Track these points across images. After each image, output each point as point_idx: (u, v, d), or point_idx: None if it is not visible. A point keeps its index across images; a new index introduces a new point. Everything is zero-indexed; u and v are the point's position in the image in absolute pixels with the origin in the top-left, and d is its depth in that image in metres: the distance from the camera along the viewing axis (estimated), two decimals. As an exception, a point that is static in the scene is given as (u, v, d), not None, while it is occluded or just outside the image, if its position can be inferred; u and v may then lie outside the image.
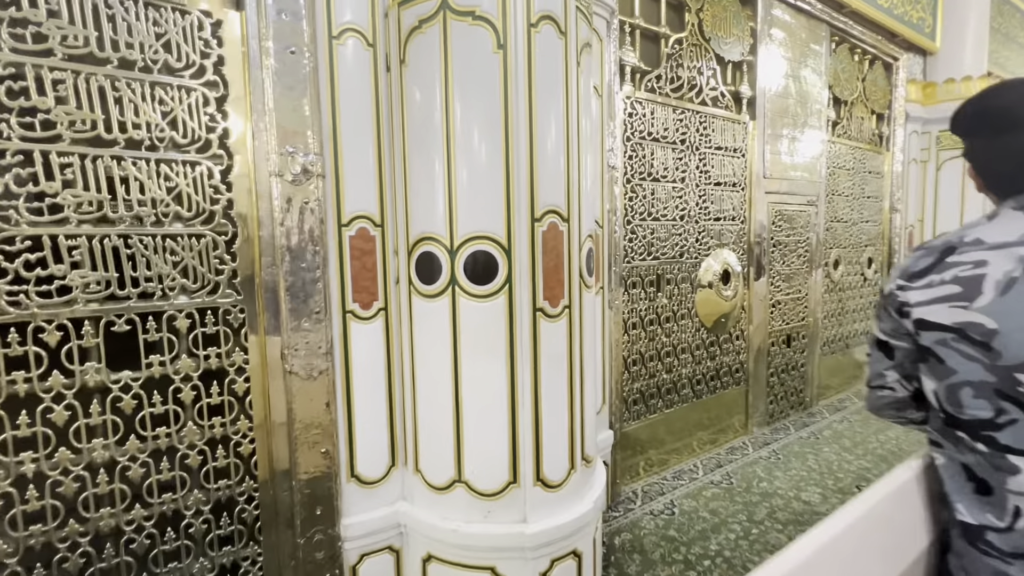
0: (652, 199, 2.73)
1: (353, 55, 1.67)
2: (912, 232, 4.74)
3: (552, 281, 1.65)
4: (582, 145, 1.75)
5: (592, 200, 2.31)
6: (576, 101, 1.70)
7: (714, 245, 3.08)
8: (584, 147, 1.78)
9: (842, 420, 3.63)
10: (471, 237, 1.60)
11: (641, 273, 2.72)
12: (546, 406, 1.68)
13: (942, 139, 4.64)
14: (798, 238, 3.66)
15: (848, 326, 4.31)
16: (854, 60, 4.11)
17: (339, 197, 1.67)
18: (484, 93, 1.56)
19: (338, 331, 1.70)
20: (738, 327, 3.30)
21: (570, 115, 1.67)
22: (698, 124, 2.93)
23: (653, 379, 2.84)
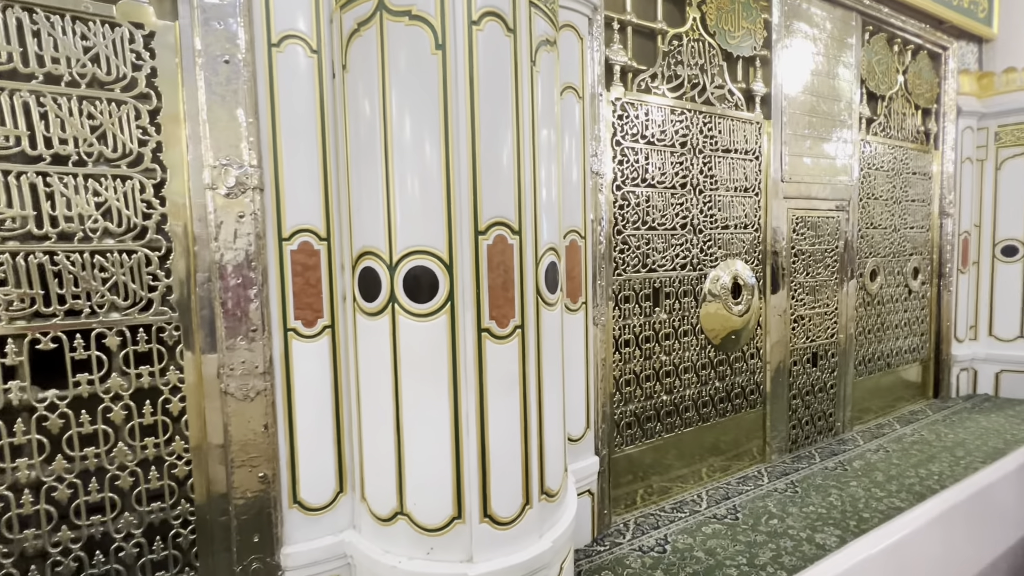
0: (647, 207, 2.54)
1: (295, 62, 1.61)
2: (967, 239, 4.26)
3: (500, 299, 1.52)
4: (539, 151, 1.61)
5: (571, 209, 2.16)
6: (531, 104, 1.57)
7: (722, 256, 2.84)
8: (544, 153, 1.64)
9: (877, 449, 3.26)
10: (410, 252, 1.49)
11: (635, 286, 2.52)
12: (495, 436, 1.54)
13: (1002, 135, 4.15)
14: (825, 247, 3.34)
15: (889, 343, 3.90)
16: (892, 51, 3.74)
17: (280, 210, 1.61)
18: (422, 97, 1.45)
19: (279, 350, 1.62)
20: (753, 344, 3.02)
21: (522, 119, 1.53)
22: (701, 125, 2.71)
23: (650, 401, 2.63)
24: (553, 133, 1.71)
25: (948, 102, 4.08)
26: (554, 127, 1.72)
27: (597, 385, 2.33)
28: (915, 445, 3.31)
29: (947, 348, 4.23)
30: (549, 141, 1.68)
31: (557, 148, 1.76)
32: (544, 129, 1.64)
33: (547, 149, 1.66)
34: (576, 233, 2.19)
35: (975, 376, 4.34)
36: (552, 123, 1.70)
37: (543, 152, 1.63)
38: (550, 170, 1.70)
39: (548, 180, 1.68)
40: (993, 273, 4.25)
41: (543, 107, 1.63)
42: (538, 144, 1.60)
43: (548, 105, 1.67)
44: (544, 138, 1.64)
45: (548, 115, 1.68)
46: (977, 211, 4.28)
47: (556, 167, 1.74)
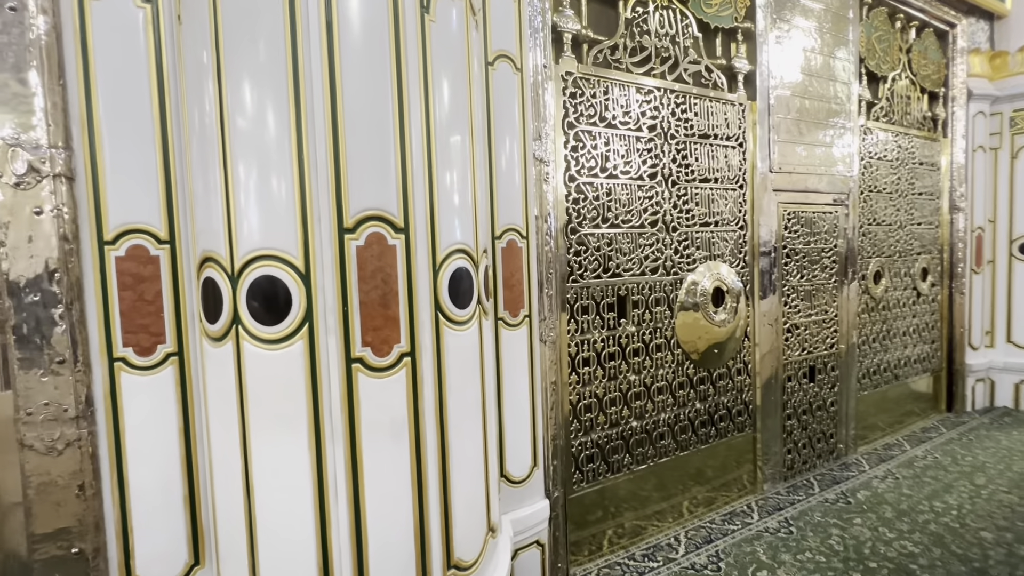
0: (608, 201, 2.16)
1: (118, 14, 1.24)
2: (981, 236, 3.86)
3: (377, 319, 1.14)
4: (438, 125, 1.24)
5: (508, 203, 1.79)
6: (421, 64, 1.20)
7: (702, 257, 2.46)
8: (448, 129, 1.27)
9: (885, 476, 2.86)
10: (255, 256, 1.12)
11: (594, 295, 2.14)
12: (374, 498, 1.16)
13: (1018, 121, 3.76)
14: (822, 246, 2.95)
15: (896, 352, 3.50)
16: (894, 27, 3.36)
17: (99, 205, 1.24)
18: (264, 54, 1.08)
19: (101, 386, 1.25)
20: (740, 358, 2.63)
21: (406, 83, 1.16)
22: (673, 107, 2.33)
23: (617, 428, 2.24)
24: (466, 105, 1.34)
25: (957, 84, 3.70)
26: (467, 98, 1.35)
27: (546, 414, 1.95)
28: (928, 470, 2.91)
29: (961, 357, 3.82)
30: (456, 113, 1.31)
31: (479, 126, 1.40)
32: (448, 98, 1.27)
33: (453, 123, 1.29)
34: (515, 232, 1.82)
35: (992, 387, 3.93)
36: (463, 92, 1.33)
37: (445, 126, 1.26)
38: (462, 151, 1.33)
39: (456, 163, 1.31)
40: (1010, 273, 3.85)
41: (445, 69, 1.26)
42: (436, 116, 1.23)
43: (454, 68, 1.30)
44: (447, 109, 1.27)
45: (456, 81, 1.31)
46: (991, 205, 3.88)
47: (472, 147, 1.37)
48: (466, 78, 1.35)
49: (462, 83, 1.33)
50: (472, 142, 1.38)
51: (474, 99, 1.41)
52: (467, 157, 1.35)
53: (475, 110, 1.41)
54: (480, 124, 1.49)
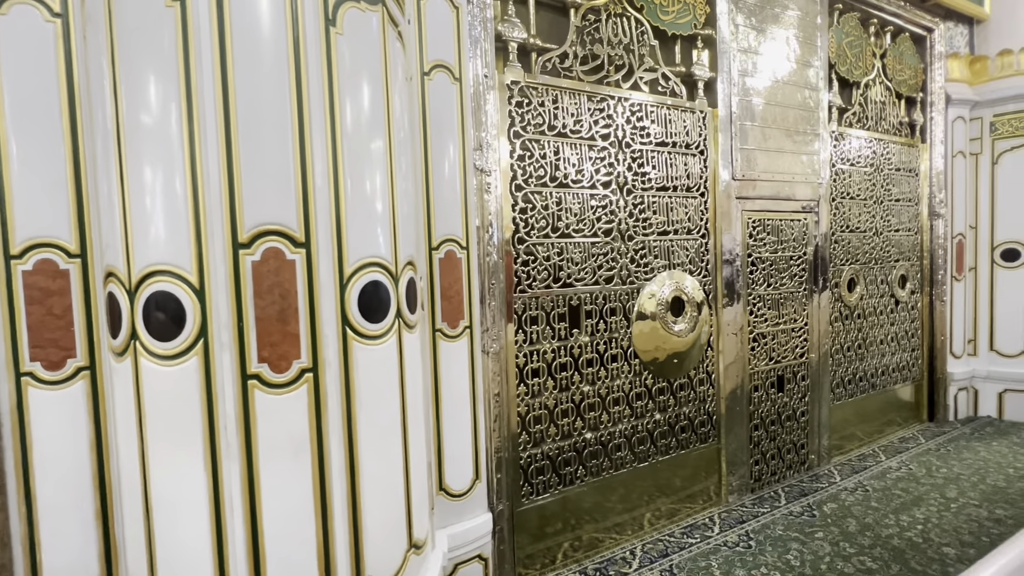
0: (559, 210, 2.14)
1: (26, 26, 1.25)
2: (962, 243, 3.80)
3: (275, 334, 1.13)
4: (345, 141, 1.23)
5: (446, 213, 1.78)
6: (326, 82, 1.19)
7: (660, 266, 2.43)
8: (358, 143, 1.26)
9: (855, 488, 2.81)
10: (151, 272, 1.11)
11: (544, 305, 2.12)
12: (272, 516, 1.14)
13: (998, 125, 3.70)
14: (790, 254, 2.91)
15: (873, 361, 3.44)
16: (867, 33, 3.33)
17: (5, 220, 1.24)
18: (157, 62, 1.08)
19: (8, 400, 1.25)
20: (703, 368, 2.60)
21: (307, 100, 1.15)
22: (629, 115, 2.32)
23: (569, 440, 2.21)
24: (382, 117, 1.32)
25: (936, 90, 3.65)
26: (385, 110, 1.33)
27: (489, 426, 1.93)
28: (900, 482, 2.85)
29: (942, 365, 3.76)
30: (371, 125, 1.30)
31: (403, 138, 1.38)
32: (360, 110, 1.26)
33: (367, 135, 1.28)
34: (454, 243, 1.80)
35: (975, 396, 3.86)
36: (379, 103, 1.32)
37: (357, 139, 1.25)
38: (378, 163, 1.31)
39: (370, 175, 1.29)
40: (993, 280, 3.79)
41: (356, 82, 1.25)
42: (344, 129, 1.22)
43: (369, 80, 1.29)
44: (360, 121, 1.26)
45: (372, 93, 1.30)
46: (972, 211, 3.82)
47: (391, 159, 1.36)
48: (383, 89, 1.34)
49: (378, 95, 1.32)
50: (391, 154, 1.37)
51: (395, 110, 1.39)
52: (384, 169, 1.34)
53: (397, 121, 1.40)
54: (406, 135, 1.48)
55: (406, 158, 1.49)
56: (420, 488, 1.50)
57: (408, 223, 1.48)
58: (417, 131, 1.72)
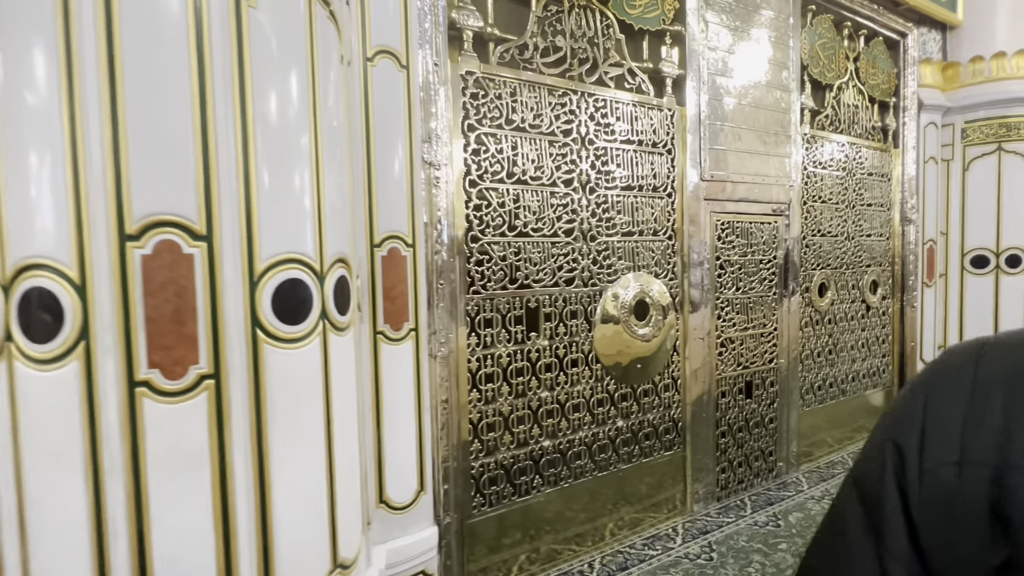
0: (516, 208, 2.05)
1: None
2: (933, 249, 3.80)
3: (168, 337, 1.02)
4: (258, 127, 1.12)
5: (390, 208, 1.68)
6: (236, 52, 1.08)
7: (624, 268, 2.35)
8: (275, 130, 1.15)
9: (823, 496, 2.76)
10: (26, 266, 0.99)
11: (500, 307, 2.03)
12: (163, 537, 1.03)
13: (969, 132, 3.71)
14: (760, 257, 2.86)
15: (844, 366, 3.41)
16: (840, 36, 3.30)
17: None
18: (32, 32, 0.96)
19: None
20: (668, 374, 2.53)
21: (210, 70, 1.04)
22: (592, 111, 2.23)
23: (525, 448, 2.12)
24: (307, 103, 1.22)
25: (908, 95, 3.64)
26: (310, 96, 1.23)
27: (436, 434, 1.82)
28: (867, 491, 2.81)
29: (912, 371, 3.74)
30: (294, 112, 1.19)
31: (337, 126, 1.28)
32: (279, 94, 1.16)
33: (288, 122, 1.18)
34: (399, 240, 1.70)
35: (945, 402, 3.85)
36: (303, 88, 1.21)
37: (274, 125, 1.15)
38: (301, 152, 1.21)
39: (290, 165, 1.19)
40: (963, 287, 3.79)
41: (274, 63, 1.15)
42: (257, 114, 1.11)
43: (291, 62, 1.18)
44: (278, 107, 1.15)
45: (295, 76, 1.19)
46: (944, 217, 3.82)
47: (316, 149, 1.25)
48: (307, 72, 1.23)
49: (302, 77, 1.21)
50: (317, 141, 1.26)
51: (324, 95, 1.29)
52: (308, 157, 1.23)
53: (328, 107, 1.30)
54: (340, 124, 1.38)
55: (339, 148, 1.38)
56: (349, 503, 1.39)
57: (340, 217, 1.37)
58: (358, 119, 1.61)
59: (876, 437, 0.47)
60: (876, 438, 0.47)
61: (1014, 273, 3.61)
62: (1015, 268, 3.61)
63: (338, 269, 1.35)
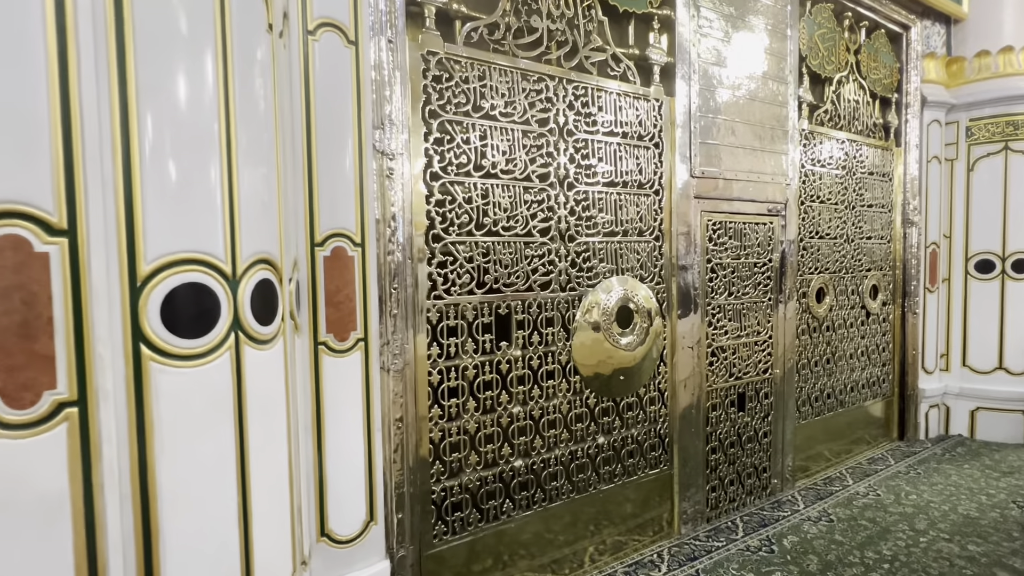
0: (485, 205, 1.86)
1: None
2: (936, 253, 3.62)
3: (15, 356, 0.83)
4: (139, 94, 0.93)
5: (335, 202, 1.49)
6: (114, 25, 0.89)
7: (606, 271, 2.16)
8: (164, 101, 0.96)
9: (819, 517, 2.57)
10: None
11: (465, 313, 1.83)
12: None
13: (974, 130, 3.53)
14: (754, 260, 2.67)
15: (842, 376, 3.23)
16: (841, 26, 3.12)
17: None
18: None
19: None
20: (653, 385, 2.34)
21: (74, 47, 0.85)
22: (571, 99, 2.04)
23: (494, 469, 1.92)
24: (214, 80, 1.02)
25: (911, 91, 3.47)
26: (219, 71, 1.03)
27: (389, 456, 1.63)
28: (867, 511, 2.63)
29: (913, 381, 3.57)
30: (196, 89, 1.00)
31: (264, 108, 1.08)
32: (162, 57, 0.96)
33: (187, 100, 0.98)
34: (345, 238, 1.50)
35: (947, 414, 3.68)
36: (208, 63, 1.02)
37: (156, 94, 0.95)
38: (205, 135, 1.01)
39: (189, 149, 0.99)
40: (966, 292, 3.61)
41: (159, 19, 0.95)
42: (136, 76, 0.92)
43: (183, 19, 0.99)
44: (159, 70, 0.96)
45: (189, 36, 1.00)
46: (947, 219, 3.65)
47: (229, 132, 1.05)
48: (216, 45, 1.03)
49: (204, 43, 1.02)
50: (228, 121, 1.06)
51: (242, 73, 1.09)
52: (215, 139, 1.04)
53: (242, 82, 1.10)
54: (265, 104, 1.18)
55: (267, 133, 1.18)
56: (272, 545, 1.19)
57: (262, 210, 1.17)
58: (296, 99, 1.42)
59: None
60: None
61: (1021, 279, 3.44)
62: (1022, 273, 3.44)
63: (260, 272, 1.16)
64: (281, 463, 1.24)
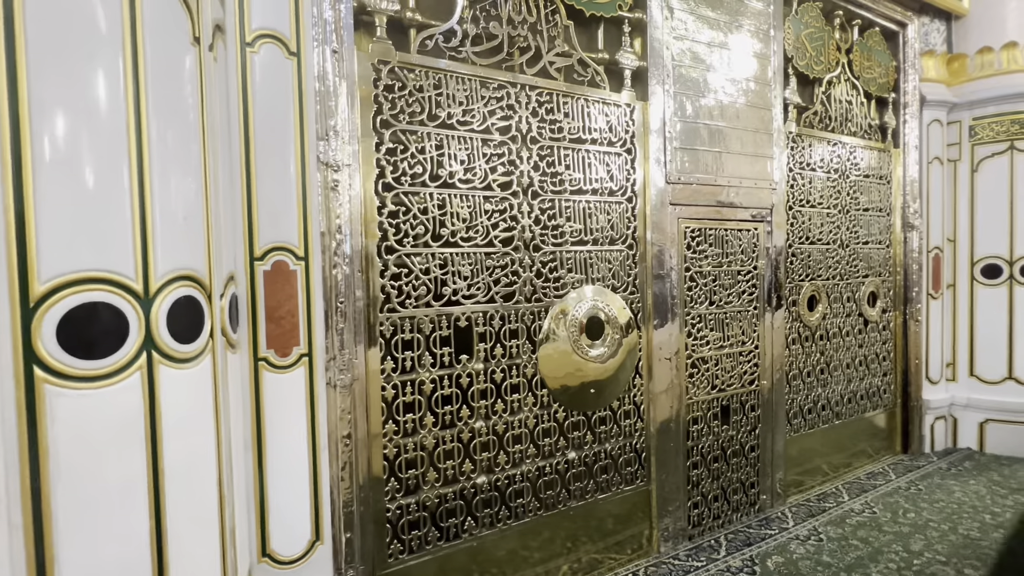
0: (442, 215, 1.82)
1: None
2: (939, 257, 3.48)
3: None
4: (32, 114, 0.91)
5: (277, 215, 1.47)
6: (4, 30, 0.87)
7: (575, 281, 2.10)
8: (73, 120, 0.94)
9: (809, 536, 2.46)
10: None
11: (422, 326, 1.79)
12: None
13: (978, 130, 3.39)
14: (737, 268, 2.59)
15: (838, 387, 3.11)
16: (831, 25, 3.02)
17: None
18: None
19: None
20: (628, 399, 2.26)
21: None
22: (535, 106, 2.00)
23: (454, 487, 1.87)
24: (119, 90, 1.01)
25: (909, 90, 3.35)
26: (128, 82, 1.01)
27: (336, 474, 1.59)
28: (860, 529, 2.51)
29: (917, 392, 3.42)
30: (108, 101, 0.98)
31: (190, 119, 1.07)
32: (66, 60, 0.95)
33: (87, 105, 0.97)
34: (287, 252, 1.48)
35: (955, 426, 3.52)
36: (114, 73, 1.00)
37: (68, 109, 0.93)
38: (117, 148, 1.00)
39: (96, 162, 0.98)
40: (972, 299, 3.46)
41: (62, 38, 0.94)
42: (28, 92, 0.90)
43: (98, 39, 0.97)
44: (57, 68, 0.94)
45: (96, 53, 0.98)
46: (951, 223, 3.50)
47: (138, 144, 1.03)
48: (123, 55, 1.02)
49: (113, 61, 1.00)
50: (141, 136, 1.04)
51: (157, 84, 1.07)
52: (127, 155, 1.02)
53: (165, 98, 1.08)
54: (195, 118, 1.16)
55: (188, 143, 1.16)
56: (197, 567, 1.16)
57: (184, 225, 1.15)
58: (234, 111, 1.40)
59: None
60: None
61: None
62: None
63: (180, 288, 1.13)
64: (207, 483, 1.21)
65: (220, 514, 1.25)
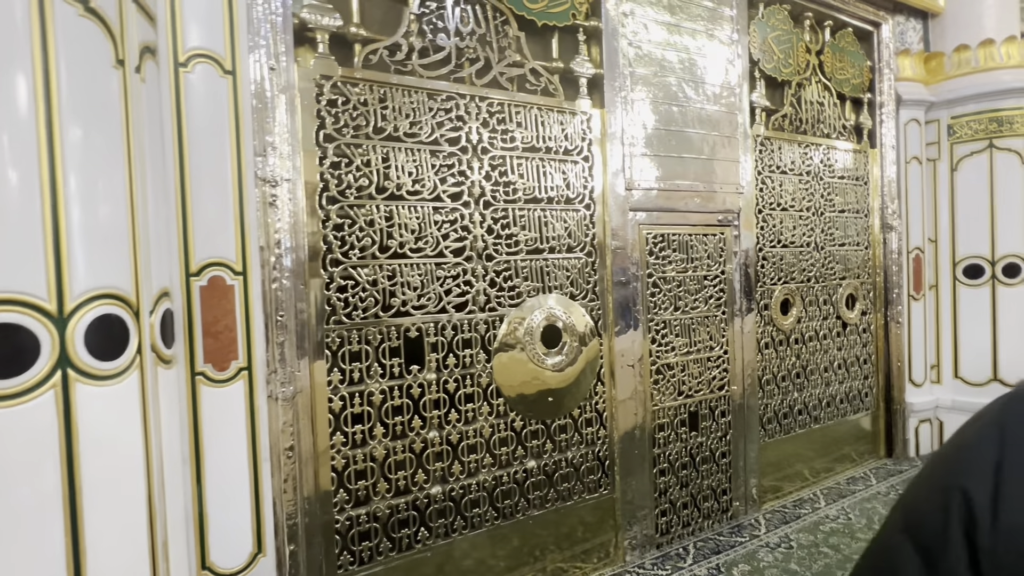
0: (390, 227, 1.83)
1: None
2: (920, 258, 3.43)
3: None
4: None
5: (212, 231, 1.49)
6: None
7: (531, 290, 2.11)
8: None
9: (779, 543, 2.43)
10: None
11: (370, 338, 1.80)
12: None
13: (956, 128, 3.35)
14: (703, 273, 2.57)
15: (816, 390, 3.07)
16: (800, 27, 3.01)
17: None
18: None
19: None
20: (590, 406, 2.26)
21: None
22: (486, 116, 2.01)
23: (406, 497, 1.87)
24: (31, 109, 1.03)
25: (885, 89, 3.32)
26: (37, 100, 1.04)
27: (279, 486, 1.60)
28: (832, 536, 2.47)
29: (900, 394, 3.37)
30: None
31: (115, 140, 1.09)
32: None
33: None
34: (224, 267, 1.50)
35: (940, 429, 3.46)
36: (22, 93, 1.03)
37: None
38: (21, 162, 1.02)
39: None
40: (955, 299, 3.41)
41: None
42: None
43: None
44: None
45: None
46: (931, 223, 3.46)
47: (54, 147, 1.06)
48: (32, 75, 1.04)
49: (22, 84, 1.03)
50: (54, 158, 1.07)
51: (72, 106, 1.10)
52: (35, 178, 1.04)
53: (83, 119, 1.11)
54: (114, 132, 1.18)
55: (112, 164, 1.19)
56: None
57: (105, 243, 1.17)
58: (168, 132, 1.42)
59: (936, 479, 0.46)
60: (936, 480, 0.46)
61: (1012, 284, 3.23)
62: (1013, 278, 3.22)
63: (101, 306, 1.15)
64: (134, 498, 1.22)
65: (150, 528, 1.26)
